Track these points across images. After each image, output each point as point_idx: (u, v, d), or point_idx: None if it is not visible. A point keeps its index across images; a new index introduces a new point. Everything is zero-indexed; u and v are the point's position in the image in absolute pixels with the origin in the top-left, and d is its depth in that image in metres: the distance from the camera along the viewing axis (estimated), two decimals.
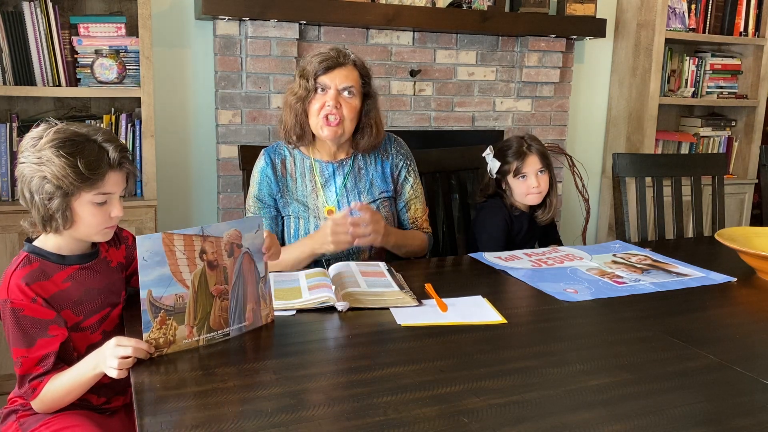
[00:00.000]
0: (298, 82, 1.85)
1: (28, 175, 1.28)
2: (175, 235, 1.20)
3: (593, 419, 1.03)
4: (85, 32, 2.51)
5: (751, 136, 3.77)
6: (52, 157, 1.26)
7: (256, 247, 1.35)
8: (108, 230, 1.37)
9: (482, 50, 3.20)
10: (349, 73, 1.83)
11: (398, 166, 2.00)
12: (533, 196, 2.16)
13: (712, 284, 1.73)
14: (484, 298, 1.57)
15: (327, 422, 1.01)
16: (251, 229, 1.34)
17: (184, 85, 2.88)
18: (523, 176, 2.15)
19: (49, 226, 1.31)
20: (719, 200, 2.53)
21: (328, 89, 1.82)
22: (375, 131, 1.90)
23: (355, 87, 1.84)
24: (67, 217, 1.30)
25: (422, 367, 1.21)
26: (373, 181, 1.96)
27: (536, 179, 2.14)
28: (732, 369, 1.23)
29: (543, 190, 2.16)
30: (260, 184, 1.91)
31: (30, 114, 2.61)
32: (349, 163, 1.95)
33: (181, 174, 2.95)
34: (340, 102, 1.81)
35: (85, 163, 1.27)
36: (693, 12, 3.53)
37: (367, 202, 1.93)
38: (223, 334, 1.30)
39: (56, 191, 1.27)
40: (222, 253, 1.27)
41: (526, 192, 2.16)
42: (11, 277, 1.30)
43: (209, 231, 1.25)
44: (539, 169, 2.15)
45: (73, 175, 1.26)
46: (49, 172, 1.26)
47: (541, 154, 2.16)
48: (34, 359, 1.29)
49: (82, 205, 1.30)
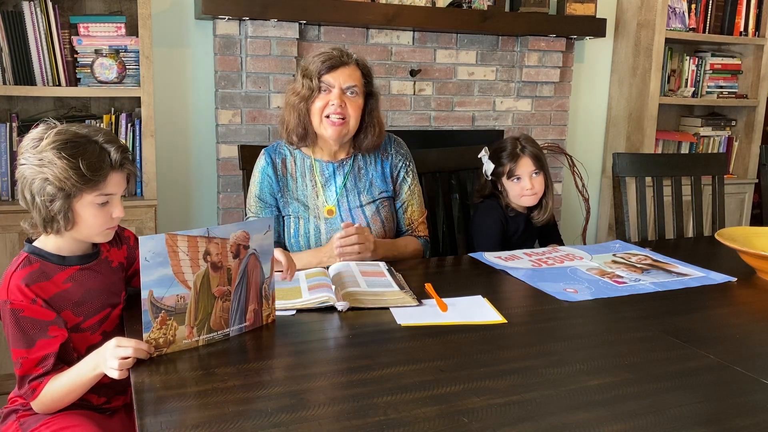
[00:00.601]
0: (301, 81, 1.85)
1: (29, 176, 1.28)
2: (179, 236, 1.19)
3: (593, 419, 1.03)
4: (85, 32, 2.51)
5: (751, 136, 3.77)
6: (54, 159, 1.26)
7: (264, 248, 1.34)
8: (109, 231, 1.37)
9: (482, 50, 3.20)
10: (352, 72, 1.84)
11: (397, 167, 2.00)
12: (528, 198, 2.16)
13: (712, 284, 1.73)
14: (484, 298, 1.57)
15: (327, 422, 1.01)
16: (260, 230, 1.33)
17: (184, 84, 2.88)
18: (517, 178, 2.15)
19: (50, 228, 1.31)
20: (719, 200, 2.53)
21: (331, 88, 1.82)
22: (378, 131, 1.91)
23: (358, 86, 1.84)
24: (69, 219, 1.30)
25: (422, 367, 1.21)
26: (373, 180, 1.96)
27: (530, 181, 2.14)
28: (732, 369, 1.23)
29: (538, 192, 2.17)
30: (261, 184, 1.91)
31: (30, 114, 2.61)
32: (349, 162, 1.95)
33: (181, 174, 2.94)
34: (344, 101, 1.82)
35: (87, 165, 1.27)
36: (693, 12, 3.53)
37: (367, 202, 1.93)
38: (223, 335, 1.30)
39: (58, 193, 1.27)
40: (227, 254, 1.27)
41: (520, 193, 2.16)
42: (11, 278, 1.30)
43: (215, 232, 1.24)
44: (533, 171, 2.15)
45: (75, 177, 1.26)
46: (50, 173, 1.26)
47: (535, 157, 2.16)
48: (34, 360, 1.29)
49: (84, 207, 1.30)
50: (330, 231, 1.87)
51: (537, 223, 2.22)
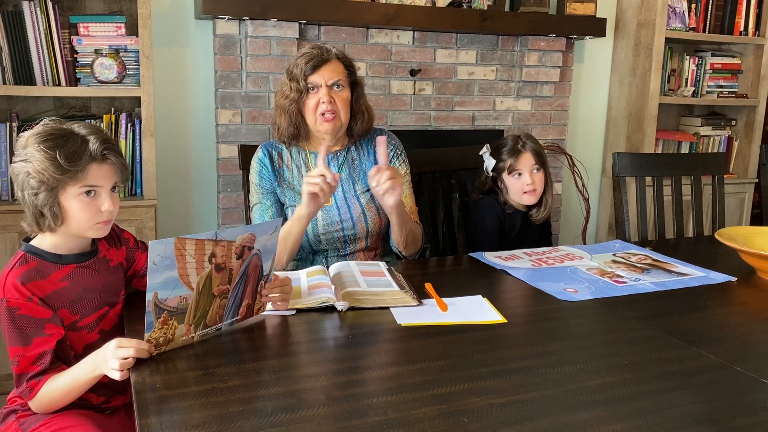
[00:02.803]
0: (288, 84, 1.90)
1: (17, 172, 1.30)
2: (187, 240, 1.19)
3: (593, 419, 1.03)
4: (84, 32, 2.51)
5: (751, 136, 3.77)
6: (34, 153, 1.27)
7: (268, 248, 1.35)
8: (102, 225, 1.36)
9: (482, 50, 3.19)
10: (335, 67, 1.89)
11: (389, 155, 2.02)
12: (529, 196, 2.16)
13: (712, 284, 1.73)
14: (484, 297, 1.57)
15: (327, 422, 1.01)
16: (267, 231, 1.33)
17: (184, 84, 2.88)
18: (518, 174, 2.16)
19: (42, 224, 1.31)
20: (719, 200, 2.53)
21: (319, 87, 1.87)
22: (367, 116, 1.98)
23: (342, 79, 1.90)
24: (56, 213, 1.30)
25: (422, 367, 1.21)
26: (367, 171, 1.97)
27: (531, 176, 2.15)
28: (732, 369, 1.23)
29: (538, 188, 2.17)
30: (260, 173, 1.96)
31: (30, 114, 2.60)
32: (343, 154, 1.99)
33: (181, 174, 2.94)
34: (333, 96, 1.87)
35: (65, 156, 1.27)
36: (693, 11, 3.53)
37: (361, 192, 1.96)
38: (215, 329, 1.30)
39: (40, 186, 1.28)
40: (231, 256, 1.27)
41: (521, 190, 2.16)
42: (7, 276, 1.31)
43: (223, 235, 1.24)
44: (534, 167, 2.15)
45: (52, 168, 1.26)
46: (31, 167, 1.27)
47: (536, 153, 2.17)
48: (31, 358, 1.29)
49: (69, 200, 1.30)
50: (326, 219, 1.90)
51: (536, 221, 2.22)
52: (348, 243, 1.94)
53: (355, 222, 1.93)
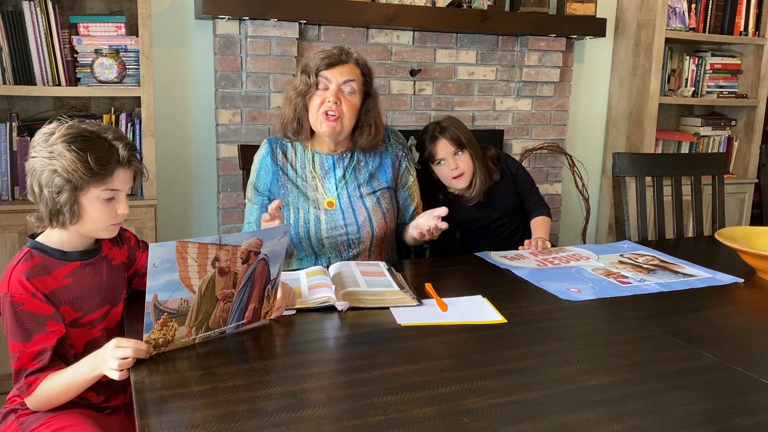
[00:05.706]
0: (299, 77, 1.87)
1: (38, 168, 1.31)
2: (189, 243, 1.19)
3: (593, 419, 1.04)
4: (84, 32, 2.51)
5: (751, 136, 3.77)
6: (64, 152, 1.28)
7: (276, 252, 1.34)
8: (113, 227, 1.39)
9: (482, 50, 3.19)
10: (351, 69, 1.85)
11: (398, 156, 2.01)
12: (457, 180, 2.12)
13: (718, 285, 1.73)
14: (484, 297, 1.57)
15: (327, 422, 1.01)
16: (275, 236, 1.33)
17: (184, 84, 2.88)
18: (440, 162, 2.13)
19: (56, 221, 1.33)
20: (719, 200, 2.53)
21: (329, 85, 1.83)
22: (374, 131, 1.91)
23: (356, 82, 1.85)
24: (75, 212, 1.32)
25: (422, 366, 1.21)
26: (373, 173, 1.97)
27: (453, 161, 2.11)
28: (732, 369, 1.23)
29: (466, 171, 2.12)
30: (259, 173, 1.94)
31: (30, 113, 2.60)
32: (349, 155, 1.96)
33: (181, 174, 2.94)
34: (340, 99, 1.83)
35: (96, 159, 1.30)
36: (693, 11, 3.53)
37: (367, 194, 1.94)
38: (219, 332, 1.30)
39: (65, 185, 1.29)
40: (236, 260, 1.27)
41: (450, 175, 2.12)
42: (13, 272, 1.32)
43: (227, 240, 1.24)
44: (453, 152, 2.11)
45: (82, 169, 1.28)
46: (59, 165, 1.28)
47: (452, 137, 2.11)
48: (31, 354, 1.29)
49: (90, 201, 1.32)
50: (330, 223, 1.88)
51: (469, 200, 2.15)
52: (352, 247, 1.91)
53: (360, 226, 1.89)
